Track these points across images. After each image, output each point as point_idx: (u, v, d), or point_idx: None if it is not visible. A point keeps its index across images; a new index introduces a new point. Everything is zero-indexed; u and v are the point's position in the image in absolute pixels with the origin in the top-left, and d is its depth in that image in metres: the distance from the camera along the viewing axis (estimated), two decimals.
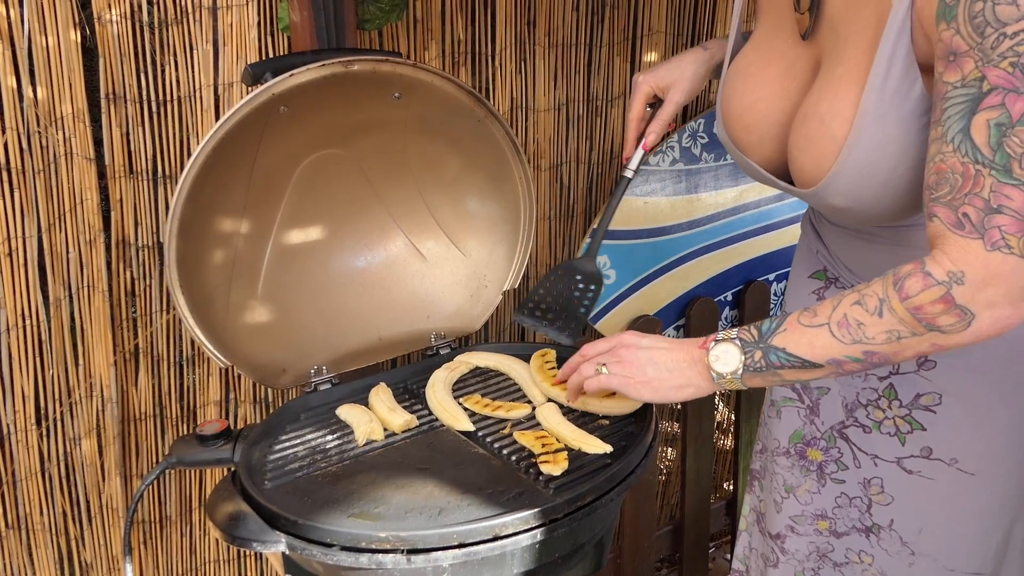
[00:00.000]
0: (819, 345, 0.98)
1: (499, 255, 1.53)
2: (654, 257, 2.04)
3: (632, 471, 1.12)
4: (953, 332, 0.93)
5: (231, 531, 1.03)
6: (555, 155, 1.92)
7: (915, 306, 0.92)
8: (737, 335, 1.04)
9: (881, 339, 0.95)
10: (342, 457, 1.18)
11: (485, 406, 1.27)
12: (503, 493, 1.07)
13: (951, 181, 0.90)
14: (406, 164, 1.46)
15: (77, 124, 1.46)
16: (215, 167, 1.21)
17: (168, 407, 1.70)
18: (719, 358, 1.04)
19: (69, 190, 1.49)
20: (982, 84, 0.87)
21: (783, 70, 1.14)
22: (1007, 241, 0.88)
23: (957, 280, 0.90)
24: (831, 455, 1.35)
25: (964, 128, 0.88)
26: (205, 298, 1.28)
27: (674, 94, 1.33)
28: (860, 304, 0.96)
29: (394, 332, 1.49)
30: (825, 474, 1.36)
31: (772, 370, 1.01)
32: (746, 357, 1.02)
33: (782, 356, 1.00)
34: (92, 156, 1.49)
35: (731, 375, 1.03)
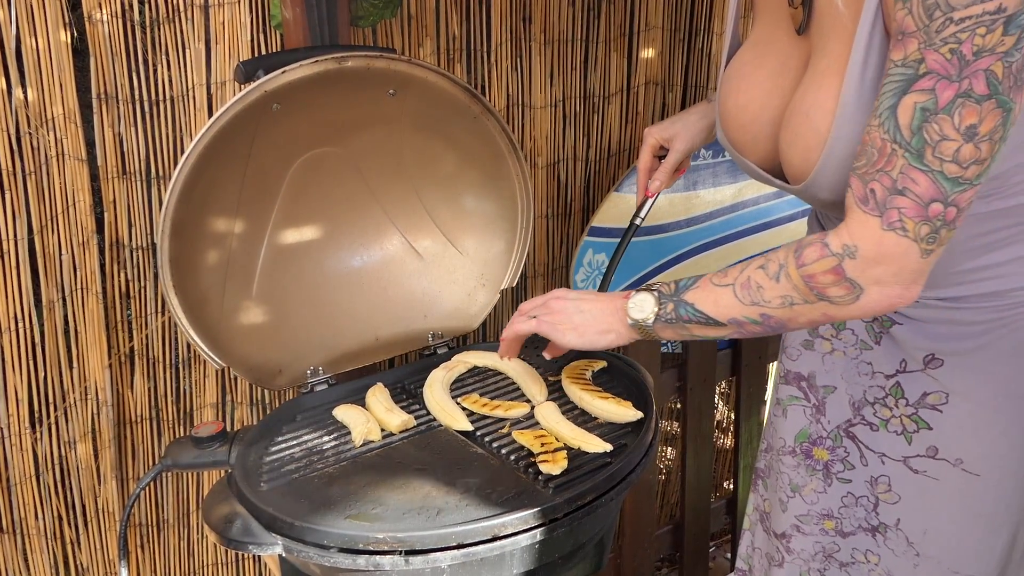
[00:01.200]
0: (723, 304, 1.03)
1: (497, 253, 1.51)
2: (652, 255, 2.03)
3: (632, 470, 1.11)
4: (842, 304, 0.96)
5: (226, 534, 1.02)
6: (552, 152, 1.91)
7: (808, 274, 0.96)
8: (658, 287, 1.09)
9: (776, 303, 0.99)
10: (339, 458, 1.16)
11: (483, 405, 1.26)
12: (502, 493, 1.06)
13: (868, 154, 0.92)
14: (402, 162, 1.45)
15: (68, 125, 1.45)
16: (208, 166, 1.20)
17: (164, 410, 1.68)
18: (635, 305, 1.09)
19: (61, 192, 1.47)
20: (919, 66, 0.87)
21: (777, 68, 1.13)
22: (904, 224, 0.90)
23: (850, 254, 0.93)
24: (837, 454, 1.33)
25: (893, 106, 0.89)
26: (199, 299, 1.26)
27: (677, 144, 1.41)
28: (763, 268, 1.01)
29: (391, 332, 1.48)
30: (831, 473, 1.34)
31: (681, 323, 1.06)
32: (659, 307, 1.07)
33: (690, 310, 1.05)
34: (84, 157, 1.47)
35: (643, 322, 1.08)
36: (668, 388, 2.19)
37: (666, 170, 1.43)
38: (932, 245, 0.92)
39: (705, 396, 2.24)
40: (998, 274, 1.08)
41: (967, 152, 0.87)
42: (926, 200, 0.89)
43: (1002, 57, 0.84)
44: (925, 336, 1.16)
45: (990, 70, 0.84)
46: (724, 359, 2.30)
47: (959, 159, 0.87)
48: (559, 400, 1.28)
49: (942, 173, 0.88)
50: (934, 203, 0.89)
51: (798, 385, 1.37)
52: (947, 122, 0.86)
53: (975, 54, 0.84)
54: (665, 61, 1.98)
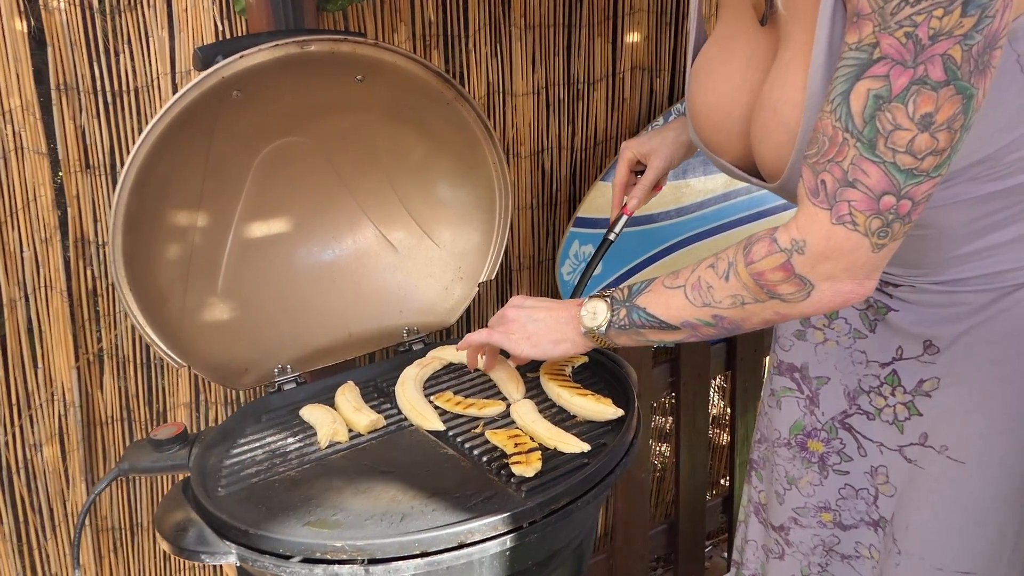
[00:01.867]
0: (674, 306, 0.99)
1: (474, 245, 1.46)
2: (642, 246, 1.97)
3: (611, 471, 1.05)
4: (794, 301, 0.92)
5: (179, 542, 0.97)
6: (536, 141, 1.85)
7: (757, 272, 0.92)
8: (611, 293, 1.06)
9: (727, 303, 0.95)
10: (302, 461, 1.11)
11: (457, 404, 1.20)
12: (471, 497, 1.01)
13: (820, 143, 0.87)
14: (374, 151, 1.39)
15: (27, 117, 1.39)
16: (164, 156, 1.14)
17: (136, 410, 1.63)
18: (588, 313, 1.06)
19: (21, 186, 1.42)
20: (873, 51, 0.81)
21: (745, 62, 1.07)
22: (854, 217, 0.85)
23: (798, 249, 0.89)
24: (833, 446, 1.29)
25: (845, 92, 0.84)
26: (159, 296, 1.21)
27: (654, 160, 1.37)
28: (713, 267, 0.97)
29: (364, 328, 1.42)
30: (827, 466, 1.30)
31: (635, 328, 1.03)
32: (612, 314, 1.04)
33: (643, 315, 1.01)
34: (44, 150, 1.42)
35: (597, 329, 1.05)
36: (661, 383, 2.14)
37: (643, 187, 1.38)
38: (884, 240, 0.87)
39: (699, 391, 2.18)
40: (996, 254, 1.03)
41: (922, 142, 0.81)
42: (877, 193, 0.84)
43: (960, 40, 0.78)
44: (923, 321, 1.11)
45: (947, 55, 0.78)
46: (719, 353, 2.25)
47: (913, 150, 0.82)
48: (537, 398, 1.23)
49: (895, 164, 0.83)
50: (886, 196, 0.84)
51: (791, 376, 1.32)
52: (901, 111, 0.81)
53: (931, 38, 0.78)
54: (652, 45, 1.92)
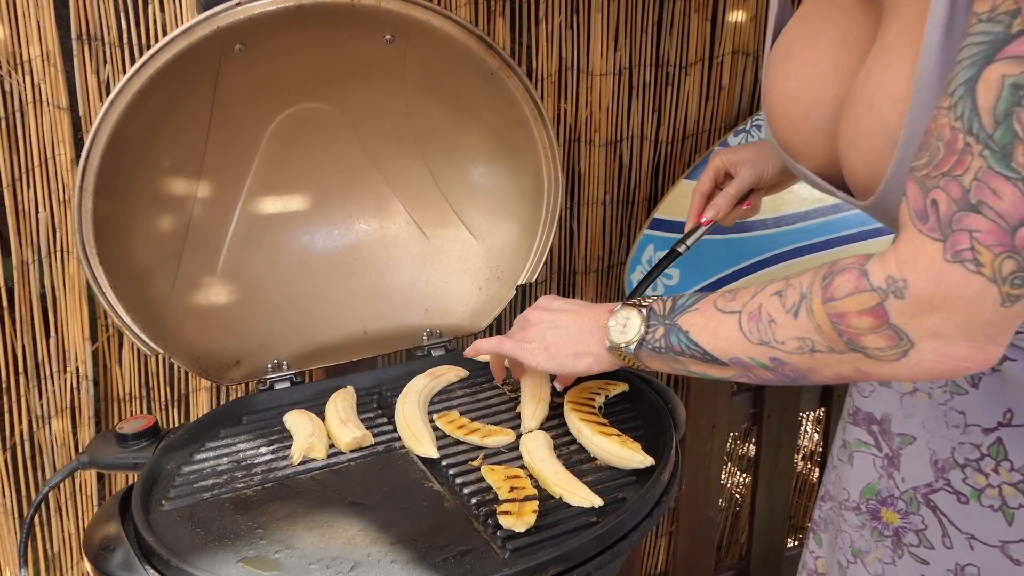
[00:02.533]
0: (724, 337, 0.78)
1: (514, 241, 1.26)
2: (729, 258, 1.72)
3: (624, 535, 0.84)
4: (883, 359, 0.70)
5: (101, 563, 0.82)
6: (614, 129, 1.64)
7: (838, 313, 0.70)
8: (651, 303, 0.86)
9: (791, 346, 0.74)
10: (266, 477, 0.95)
11: (459, 428, 1.01)
12: (443, 550, 0.82)
13: (931, 150, 0.66)
14: (408, 125, 1.22)
15: (47, 68, 1.29)
16: (154, 116, 1.01)
17: (155, 389, 1.52)
18: (618, 324, 0.87)
19: (39, 142, 1.32)
20: (1013, 22, 0.59)
21: (835, 43, 0.84)
22: (977, 254, 0.63)
23: (896, 291, 0.67)
24: (911, 523, 1.04)
25: (971, 81, 0.62)
26: (142, 270, 1.08)
27: (744, 170, 1.18)
28: (780, 296, 0.75)
29: (383, 326, 1.25)
30: (903, 544, 1.05)
31: (672, 354, 0.83)
32: (648, 331, 0.84)
33: (684, 340, 0.81)
34: (65, 105, 1.31)
35: (625, 347, 0.85)
36: (740, 415, 1.89)
37: (726, 197, 1.19)
38: (1020, 289, 0.62)
39: (785, 428, 1.92)
40: None
41: None
42: (1013, 222, 0.61)
43: None
44: None
45: None
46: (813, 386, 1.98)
47: None
48: (556, 430, 1.03)
49: None
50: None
51: (868, 428, 1.08)
52: None
53: None
54: (759, 26, 1.66)
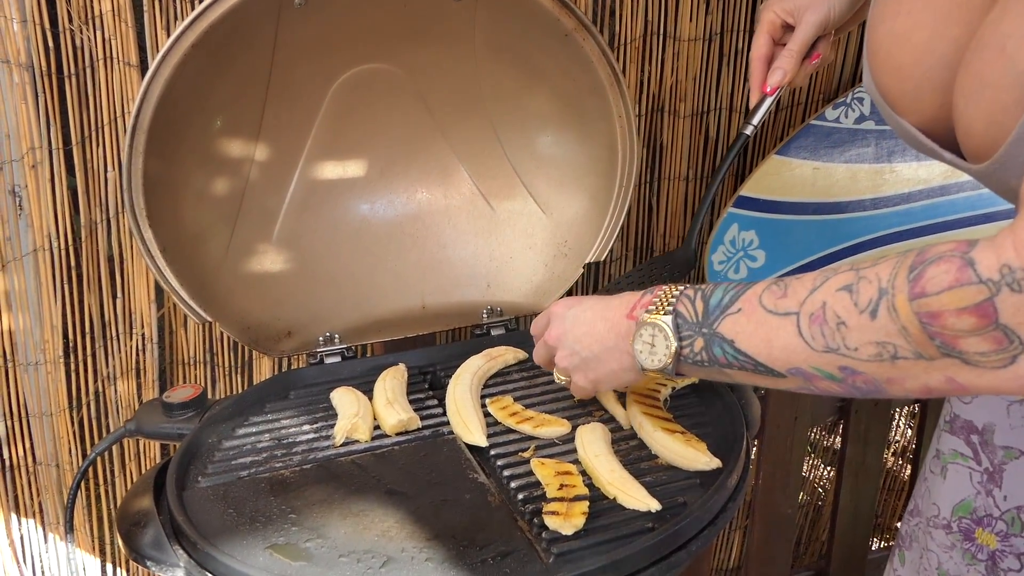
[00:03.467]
0: (779, 345, 0.66)
1: (583, 215, 1.19)
2: (821, 240, 1.60)
3: (682, 545, 0.77)
4: (983, 366, 0.57)
5: (132, 541, 0.80)
6: (701, 99, 1.53)
7: (930, 311, 0.57)
8: (676, 304, 0.73)
9: (868, 353, 0.61)
10: (305, 458, 0.90)
11: (511, 415, 0.95)
12: (482, 549, 0.76)
13: None
14: (476, 89, 1.15)
15: (118, 24, 1.27)
16: (209, 73, 0.96)
17: (219, 355, 1.51)
18: (645, 345, 0.75)
19: (108, 99, 1.30)
20: None
21: None
22: None
23: (1013, 283, 0.54)
24: (1012, 546, 0.93)
25: None
26: (195, 235, 1.04)
27: (805, 17, 1.01)
28: (849, 291, 0.62)
29: (443, 301, 1.20)
30: (999, 569, 0.95)
31: (717, 367, 0.71)
32: (683, 346, 0.72)
33: (729, 352, 0.69)
34: (135, 62, 1.29)
35: (660, 371, 0.74)
36: (825, 408, 1.77)
37: (791, 54, 1.02)
38: None
39: (875, 424, 1.79)
40: None
41: None
42: None
43: None
44: None
45: None
46: None
47: None
48: (616, 422, 0.95)
49: None
50: None
51: (967, 438, 0.97)
52: None
53: None
54: None
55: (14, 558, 1.46)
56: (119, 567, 1.55)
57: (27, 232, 1.31)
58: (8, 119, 1.23)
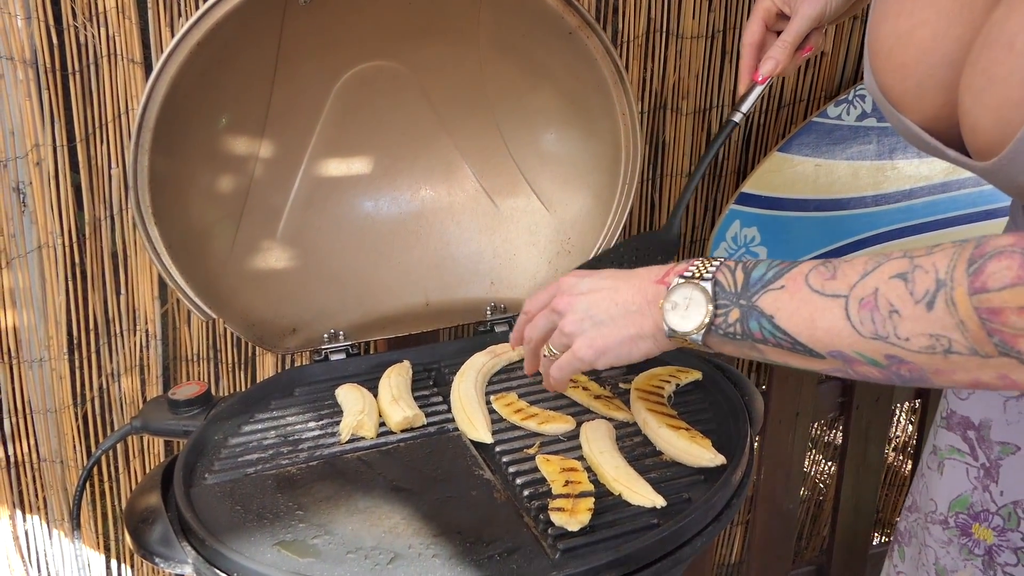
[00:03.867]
0: (824, 327, 0.64)
1: (587, 212, 1.19)
2: (822, 237, 1.61)
3: (687, 541, 0.77)
4: None
5: (139, 536, 0.80)
6: (704, 96, 1.53)
7: (991, 308, 0.56)
8: (715, 273, 0.71)
9: (919, 344, 0.60)
10: (312, 455, 0.91)
11: (516, 412, 0.96)
12: (488, 546, 0.76)
13: None
14: (480, 87, 1.15)
15: (122, 21, 1.27)
16: (215, 70, 0.97)
17: (223, 351, 1.52)
18: (677, 307, 0.72)
19: (112, 96, 1.30)
20: None
21: None
22: None
23: None
24: (1009, 540, 0.94)
25: None
26: (200, 232, 1.05)
27: (802, 8, 0.99)
28: (904, 280, 0.60)
29: (446, 298, 1.20)
30: (996, 563, 0.95)
31: (750, 341, 0.69)
32: (717, 314, 0.70)
33: (768, 327, 0.67)
34: (140, 59, 1.29)
35: (686, 336, 0.72)
36: (826, 404, 1.77)
37: (784, 44, 1.00)
38: None
39: (876, 420, 1.80)
40: None
41: None
42: None
43: None
44: None
45: None
46: None
47: None
48: (619, 420, 0.96)
49: None
50: None
51: (963, 434, 0.97)
52: None
53: None
54: None
55: (19, 554, 1.46)
56: (124, 563, 1.56)
57: (31, 229, 1.31)
58: (12, 116, 1.23)
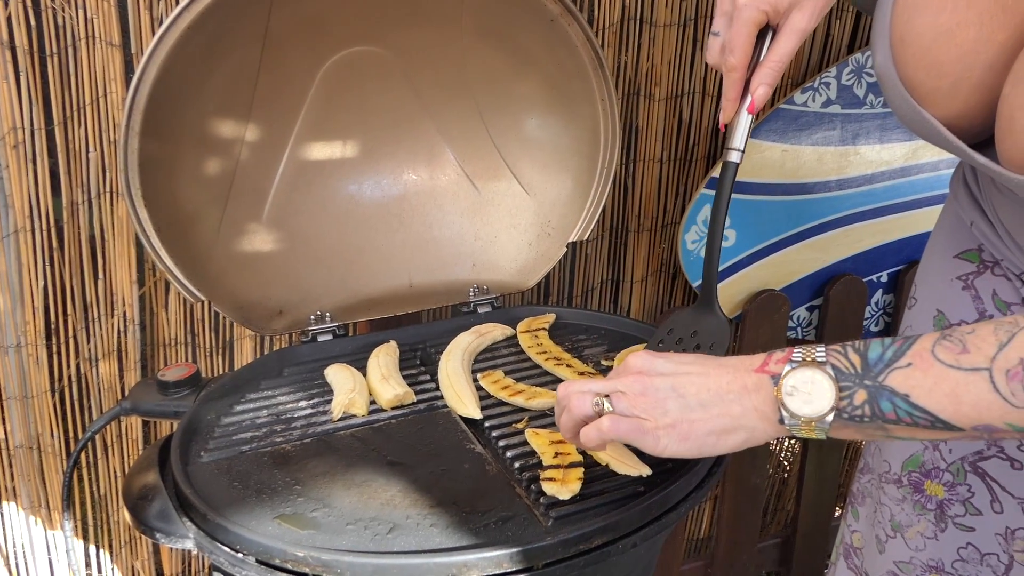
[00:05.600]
0: (969, 401, 0.63)
1: (567, 196, 1.22)
2: (789, 220, 1.66)
3: (672, 507, 0.81)
4: None
5: (139, 513, 0.82)
6: (675, 83, 1.57)
7: None
8: (829, 357, 0.68)
9: None
10: (305, 432, 0.93)
11: (503, 388, 0.98)
12: (484, 515, 0.79)
13: None
14: (463, 73, 1.17)
15: (101, 3, 1.26)
16: (203, 55, 0.97)
17: (200, 336, 1.52)
18: (798, 391, 0.67)
19: (90, 80, 1.30)
20: None
21: None
22: None
23: None
24: (957, 493, 0.99)
25: None
26: (188, 215, 1.06)
27: (797, 19, 0.87)
28: None
29: (429, 279, 1.22)
30: (946, 516, 1.00)
31: (880, 423, 0.66)
32: (842, 396, 0.66)
33: (903, 407, 0.65)
34: (117, 42, 1.29)
35: (814, 424, 0.67)
36: None
37: (776, 65, 0.88)
38: None
39: None
40: None
41: None
42: None
43: None
44: None
45: None
46: None
47: None
48: None
49: None
50: None
51: None
52: None
53: None
54: None
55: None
56: (102, 548, 1.56)
57: (8, 213, 1.31)
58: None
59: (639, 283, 1.69)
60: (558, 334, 1.14)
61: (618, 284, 1.68)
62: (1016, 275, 0.86)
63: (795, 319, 1.73)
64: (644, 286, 1.70)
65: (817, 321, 1.75)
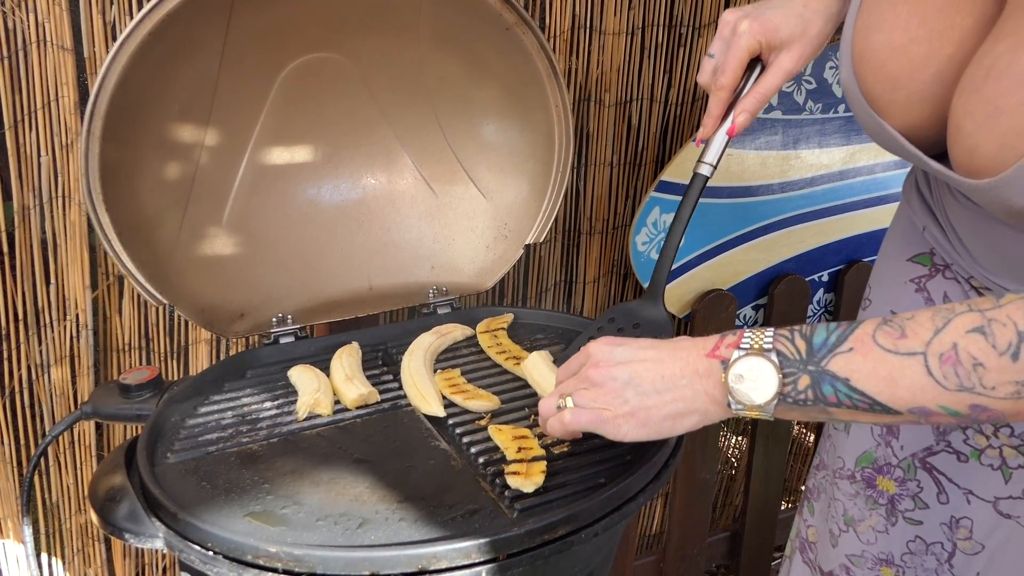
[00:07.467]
0: (905, 385, 0.66)
1: (523, 200, 1.25)
2: (734, 222, 1.71)
3: (630, 498, 0.85)
4: None
5: (107, 514, 0.82)
6: (624, 89, 1.61)
7: None
8: (772, 344, 0.71)
9: (1005, 392, 0.64)
10: (271, 432, 0.94)
11: (451, 386, 1.01)
12: (451, 508, 0.82)
13: None
14: (420, 79, 1.19)
15: (52, 7, 1.25)
16: (164, 60, 0.98)
17: (155, 340, 1.51)
18: (744, 379, 0.71)
19: (42, 84, 1.29)
20: None
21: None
22: None
23: None
24: (907, 488, 1.04)
25: None
26: (148, 220, 1.06)
27: (785, 59, 0.93)
28: (983, 333, 0.64)
29: (388, 282, 1.24)
30: (897, 511, 1.06)
31: (821, 406, 0.70)
32: (786, 382, 0.70)
33: (843, 391, 0.68)
34: (69, 46, 1.28)
35: (760, 408, 0.71)
36: None
37: (761, 96, 0.95)
38: None
39: None
40: None
41: None
42: None
43: None
44: None
45: None
46: None
47: None
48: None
49: None
50: None
51: None
52: None
53: None
54: None
55: None
56: (54, 556, 1.54)
57: None
58: None
59: (591, 284, 1.73)
60: (516, 333, 1.17)
61: (571, 285, 1.72)
62: (965, 278, 0.92)
63: (742, 318, 1.79)
64: (596, 287, 1.74)
65: (763, 319, 1.81)
